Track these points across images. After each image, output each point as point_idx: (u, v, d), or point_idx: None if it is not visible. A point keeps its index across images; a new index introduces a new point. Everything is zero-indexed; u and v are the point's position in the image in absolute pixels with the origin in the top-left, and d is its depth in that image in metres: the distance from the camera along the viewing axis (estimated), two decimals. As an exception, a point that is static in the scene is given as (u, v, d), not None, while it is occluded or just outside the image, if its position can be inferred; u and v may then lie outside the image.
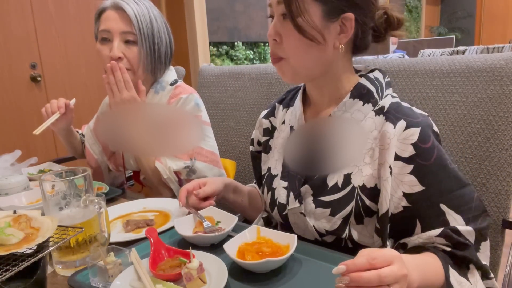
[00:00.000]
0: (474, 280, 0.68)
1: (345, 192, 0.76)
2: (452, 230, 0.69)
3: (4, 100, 2.44)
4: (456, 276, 0.66)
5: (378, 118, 0.76)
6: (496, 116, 0.90)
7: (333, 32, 0.74)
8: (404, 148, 0.71)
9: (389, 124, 0.73)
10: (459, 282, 0.66)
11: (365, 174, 0.75)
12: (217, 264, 0.66)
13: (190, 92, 1.22)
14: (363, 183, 0.75)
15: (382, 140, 0.73)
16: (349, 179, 0.76)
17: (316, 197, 0.79)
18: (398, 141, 0.71)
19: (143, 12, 1.12)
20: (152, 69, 1.18)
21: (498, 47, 2.92)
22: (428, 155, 0.70)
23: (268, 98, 1.40)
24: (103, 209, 0.71)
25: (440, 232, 0.69)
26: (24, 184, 1.13)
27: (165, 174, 1.15)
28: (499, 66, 0.91)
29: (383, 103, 0.77)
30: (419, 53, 3.23)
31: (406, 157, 0.70)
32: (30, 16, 2.51)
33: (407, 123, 0.72)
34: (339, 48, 0.75)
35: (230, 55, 4.23)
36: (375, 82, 0.79)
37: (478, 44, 7.19)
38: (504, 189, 0.90)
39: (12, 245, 0.58)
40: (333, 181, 0.78)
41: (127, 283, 0.63)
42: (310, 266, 0.69)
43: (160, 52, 1.18)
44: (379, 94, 0.78)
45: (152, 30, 1.14)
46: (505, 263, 0.91)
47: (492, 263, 0.92)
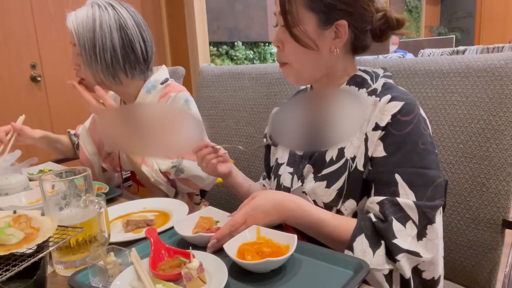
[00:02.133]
0: (376, 255, 0.69)
1: (339, 165, 0.80)
2: (390, 201, 0.71)
3: (4, 100, 2.44)
4: (365, 245, 0.69)
5: (370, 98, 0.80)
6: (496, 116, 0.90)
7: (328, 38, 0.79)
8: (383, 118, 0.74)
9: (377, 99, 0.77)
10: (364, 250, 0.69)
11: (355, 146, 0.79)
12: (217, 264, 0.66)
13: (180, 90, 1.21)
14: (354, 154, 0.79)
15: (369, 114, 0.78)
16: (343, 152, 0.81)
17: (316, 174, 0.84)
18: (379, 111, 0.75)
19: (87, 21, 1.10)
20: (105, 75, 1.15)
21: (498, 47, 2.92)
22: (401, 127, 0.73)
23: (268, 98, 1.40)
24: (103, 209, 0.71)
25: (380, 200, 0.72)
26: (24, 184, 1.13)
27: (151, 177, 1.15)
28: (499, 66, 0.91)
29: (376, 86, 0.81)
30: (419, 53, 3.23)
31: (382, 126, 0.74)
32: (30, 16, 2.51)
33: (392, 96, 0.75)
34: (334, 51, 0.80)
35: (230, 55, 4.23)
36: (371, 73, 0.85)
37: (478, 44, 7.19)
38: (504, 189, 0.90)
39: (12, 245, 0.58)
40: (329, 156, 0.82)
41: (127, 283, 0.63)
42: (310, 266, 0.68)
43: (106, 58, 1.12)
44: (373, 81, 0.83)
45: (94, 40, 1.10)
46: (505, 263, 0.91)
47: (492, 263, 0.93)
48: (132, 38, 1.13)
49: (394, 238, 0.68)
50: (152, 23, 3.20)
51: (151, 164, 1.16)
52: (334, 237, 0.74)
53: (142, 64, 1.18)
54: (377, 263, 0.68)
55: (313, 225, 0.75)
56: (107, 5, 1.12)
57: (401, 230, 0.69)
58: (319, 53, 0.80)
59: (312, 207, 0.77)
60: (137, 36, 1.14)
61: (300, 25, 0.78)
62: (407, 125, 0.73)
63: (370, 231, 0.71)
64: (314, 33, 0.78)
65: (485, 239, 0.92)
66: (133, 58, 1.16)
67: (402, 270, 0.68)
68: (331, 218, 0.75)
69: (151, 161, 1.16)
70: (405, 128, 0.73)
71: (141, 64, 1.18)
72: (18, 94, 2.50)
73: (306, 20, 0.78)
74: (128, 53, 1.14)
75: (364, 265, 0.65)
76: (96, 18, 1.10)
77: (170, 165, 1.15)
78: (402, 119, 0.73)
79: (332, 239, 0.74)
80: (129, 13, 1.14)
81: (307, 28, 0.78)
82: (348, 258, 0.68)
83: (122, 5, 1.15)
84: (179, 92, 1.20)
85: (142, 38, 1.15)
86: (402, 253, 0.68)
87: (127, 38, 1.12)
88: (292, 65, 0.83)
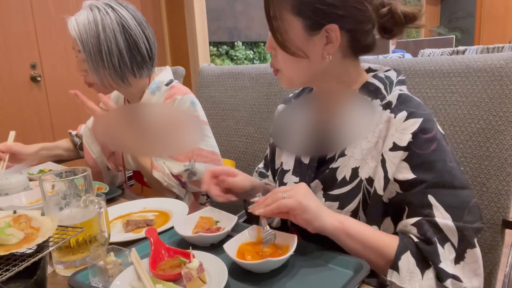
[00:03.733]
0: (426, 277, 0.64)
1: (352, 186, 0.76)
2: (428, 221, 0.66)
3: (4, 100, 2.44)
4: (412, 264, 0.64)
5: (384, 112, 0.75)
6: (496, 116, 0.90)
7: (318, 44, 0.74)
8: (402, 138, 0.70)
9: (391, 115, 0.73)
10: (411, 271, 0.64)
11: (371, 166, 0.74)
12: (217, 264, 0.66)
13: (185, 93, 1.21)
14: (369, 175, 0.74)
15: (385, 132, 0.73)
16: (357, 173, 0.76)
17: (326, 192, 0.79)
18: (397, 131, 0.71)
19: (90, 26, 1.08)
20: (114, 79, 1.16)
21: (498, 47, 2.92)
22: (426, 145, 0.69)
23: (268, 98, 1.40)
24: (103, 209, 0.71)
25: (416, 221, 0.67)
26: (24, 184, 1.13)
27: (164, 182, 1.15)
28: (499, 66, 0.91)
29: (391, 98, 0.76)
30: (419, 53, 3.23)
31: (403, 146, 0.70)
32: (30, 16, 2.51)
33: (408, 113, 0.71)
34: (327, 58, 0.75)
35: (230, 55, 4.23)
36: (384, 80, 0.79)
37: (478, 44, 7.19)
38: (504, 189, 0.90)
39: (12, 245, 0.58)
40: (341, 175, 0.78)
41: (127, 283, 0.63)
42: (310, 266, 0.68)
43: (114, 65, 1.12)
44: (387, 90, 0.78)
45: (99, 44, 1.09)
46: (505, 263, 0.91)
47: (492, 263, 0.92)
48: (136, 38, 1.13)
49: (439, 262, 0.64)
50: (152, 23, 3.20)
51: (162, 169, 1.16)
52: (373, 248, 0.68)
53: (148, 62, 1.19)
54: (428, 286, 0.63)
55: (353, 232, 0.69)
56: (106, 7, 1.11)
57: (442, 253, 0.65)
58: (309, 60, 0.75)
59: None
60: (140, 36, 1.14)
61: (286, 32, 0.73)
62: (431, 143, 0.69)
63: (415, 249, 0.66)
64: (302, 40, 0.73)
65: (485, 239, 0.92)
66: (140, 59, 1.16)
67: None
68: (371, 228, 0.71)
69: (161, 166, 1.16)
70: (429, 147, 0.68)
71: (147, 62, 1.19)
72: (18, 94, 2.50)
73: (292, 26, 0.73)
74: (134, 54, 1.14)
75: (364, 265, 0.65)
76: (98, 23, 1.09)
77: (183, 168, 1.16)
78: (424, 137, 0.69)
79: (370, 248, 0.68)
80: (130, 12, 1.14)
81: (295, 35, 0.73)
82: (348, 258, 0.68)
83: (121, 4, 1.14)
84: (184, 94, 1.20)
85: (145, 37, 1.16)
86: (449, 278, 0.63)
87: (131, 39, 1.12)
88: (283, 71, 0.79)
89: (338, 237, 0.69)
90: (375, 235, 0.69)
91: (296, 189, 0.71)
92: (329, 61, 0.75)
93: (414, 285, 0.63)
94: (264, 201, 0.72)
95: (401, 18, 0.74)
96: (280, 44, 0.75)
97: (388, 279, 0.64)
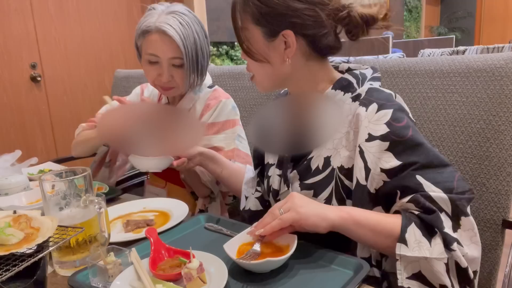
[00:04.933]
0: (434, 243, 0.66)
1: (325, 174, 0.80)
2: (422, 195, 0.69)
3: (4, 100, 2.44)
4: (418, 235, 0.66)
5: (353, 104, 0.79)
6: (496, 116, 0.90)
7: (278, 49, 0.79)
8: (377, 128, 0.73)
9: (362, 108, 0.76)
10: (419, 241, 0.65)
11: (343, 155, 0.78)
12: (217, 264, 0.66)
13: (228, 97, 1.26)
14: (341, 164, 0.78)
15: (356, 123, 0.77)
16: (329, 162, 0.80)
17: (302, 181, 0.84)
18: (370, 122, 0.74)
19: (188, 33, 1.10)
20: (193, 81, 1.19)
21: (498, 47, 2.92)
22: (403, 132, 0.72)
23: (268, 98, 1.40)
24: (103, 209, 0.71)
25: (411, 197, 0.70)
26: (24, 184, 1.13)
27: (204, 177, 1.17)
28: (499, 66, 0.91)
29: (360, 91, 0.80)
30: (419, 53, 3.23)
31: (381, 135, 0.72)
32: (30, 16, 2.51)
33: (379, 105, 0.75)
34: (286, 61, 0.80)
35: (230, 55, 4.23)
36: (358, 76, 0.83)
37: (478, 44, 7.19)
38: (504, 189, 0.90)
39: (12, 245, 0.58)
40: (315, 164, 0.82)
41: (127, 283, 0.63)
42: (310, 266, 0.69)
43: (203, 66, 1.17)
44: (359, 84, 0.82)
45: (196, 50, 1.12)
46: (505, 263, 0.91)
47: (492, 263, 0.93)
48: (207, 37, 1.17)
49: (444, 228, 0.66)
50: (152, 23, 3.20)
51: None
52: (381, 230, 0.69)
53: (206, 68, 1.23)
54: (438, 252, 0.64)
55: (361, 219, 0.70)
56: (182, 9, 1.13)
57: (444, 219, 0.67)
58: (271, 65, 0.81)
59: None
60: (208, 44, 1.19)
61: (249, 41, 0.80)
62: (407, 129, 0.72)
63: (418, 221, 0.68)
64: (263, 47, 0.80)
65: (485, 239, 0.92)
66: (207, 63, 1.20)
67: (459, 258, 0.64)
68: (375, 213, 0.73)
69: None
70: (407, 133, 0.72)
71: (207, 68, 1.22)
72: (18, 94, 2.50)
73: (254, 34, 0.80)
74: (209, 53, 1.20)
75: (364, 265, 0.65)
76: (193, 31, 1.11)
77: None
78: (399, 125, 0.72)
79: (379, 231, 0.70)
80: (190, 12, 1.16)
81: (257, 42, 0.80)
82: (348, 258, 0.68)
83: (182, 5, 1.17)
84: (227, 98, 1.25)
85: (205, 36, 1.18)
86: (454, 242, 0.65)
87: (206, 39, 1.17)
88: (256, 77, 0.86)
89: (348, 228, 0.70)
90: (380, 218, 0.71)
91: (290, 200, 0.72)
92: (289, 64, 0.80)
93: (424, 252, 0.64)
94: (263, 221, 0.72)
95: (359, 21, 0.77)
96: (246, 52, 0.82)
97: (397, 252, 0.65)
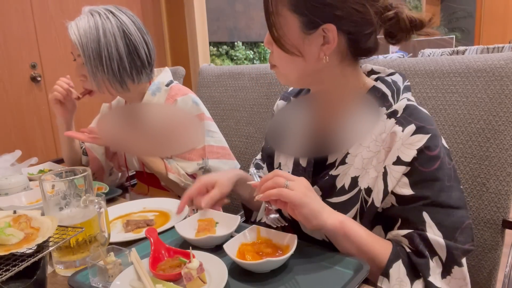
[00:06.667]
0: (415, 286, 0.65)
1: (351, 195, 0.75)
2: (419, 235, 0.67)
3: (4, 100, 2.44)
4: (402, 273, 0.65)
5: (389, 121, 0.73)
6: (496, 116, 0.90)
7: (315, 43, 0.71)
8: (408, 153, 0.68)
9: (398, 127, 0.70)
10: (401, 279, 0.64)
11: (371, 176, 0.73)
12: (217, 264, 0.66)
13: (186, 93, 1.21)
14: (368, 185, 0.73)
15: (390, 143, 0.71)
16: (356, 182, 0.75)
17: (324, 199, 0.78)
18: (403, 145, 0.69)
19: (90, 31, 1.08)
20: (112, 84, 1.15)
21: (498, 47, 2.91)
22: (429, 163, 0.68)
23: (268, 98, 1.40)
24: (103, 209, 0.71)
25: (407, 233, 0.68)
26: (24, 184, 1.13)
27: (181, 183, 1.17)
28: (499, 66, 0.91)
29: (397, 107, 0.74)
30: (419, 53, 3.23)
31: (407, 161, 0.68)
32: (30, 16, 2.51)
33: (417, 128, 0.69)
34: (324, 59, 0.72)
35: (230, 55, 4.23)
36: (392, 85, 0.76)
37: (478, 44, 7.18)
38: (504, 189, 0.90)
39: (12, 245, 0.58)
40: (341, 183, 0.77)
41: (127, 283, 0.63)
42: (310, 266, 0.68)
43: (113, 67, 1.11)
44: (394, 97, 0.75)
45: (99, 48, 1.09)
46: (505, 263, 0.91)
47: (492, 263, 0.92)
48: (136, 44, 1.13)
49: (429, 275, 0.65)
50: (152, 24, 3.20)
51: (177, 170, 1.17)
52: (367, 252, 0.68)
53: (147, 68, 1.19)
54: None
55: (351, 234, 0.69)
56: (107, 12, 1.11)
57: (433, 267, 0.66)
58: (304, 59, 0.73)
59: None
60: (140, 41, 1.14)
61: (282, 28, 0.71)
62: (434, 161, 0.68)
63: (407, 259, 0.67)
64: (297, 38, 0.71)
65: (485, 239, 0.92)
66: (139, 64, 1.16)
67: None
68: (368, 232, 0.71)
69: (175, 167, 1.17)
70: (432, 165, 0.68)
71: (146, 68, 1.18)
72: (18, 94, 2.50)
73: (289, 22, 0.71)
74: (134, 59, 1.14)
75: (364, 265, 0.65)
76: (99, 27, 1.09)
77: (197, 167, 1.17)
78: (429, 154, 0.68)
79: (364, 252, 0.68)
80: (129, 18, 1.14)
81: (291, 32, 0.71)
82: (348, 258, 0.68)
83: (121, 10, 1.14)
84: (185, 94, 1.20)
85: (145, 42, 1.15)
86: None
87: (131, 44, 1.12)
88: (279, 68, 0.78)
89: (336, 237, 0.70)
90: (371, 240, 0.69)
91: (298, 181, 0.70)
92: (325, 62, 0.72)
93: None
94: (264, 183, 0.70)
95: (407, 24, 0.71)
96: (275, 40, 0.73)
97: (379, 285, 0.65)
